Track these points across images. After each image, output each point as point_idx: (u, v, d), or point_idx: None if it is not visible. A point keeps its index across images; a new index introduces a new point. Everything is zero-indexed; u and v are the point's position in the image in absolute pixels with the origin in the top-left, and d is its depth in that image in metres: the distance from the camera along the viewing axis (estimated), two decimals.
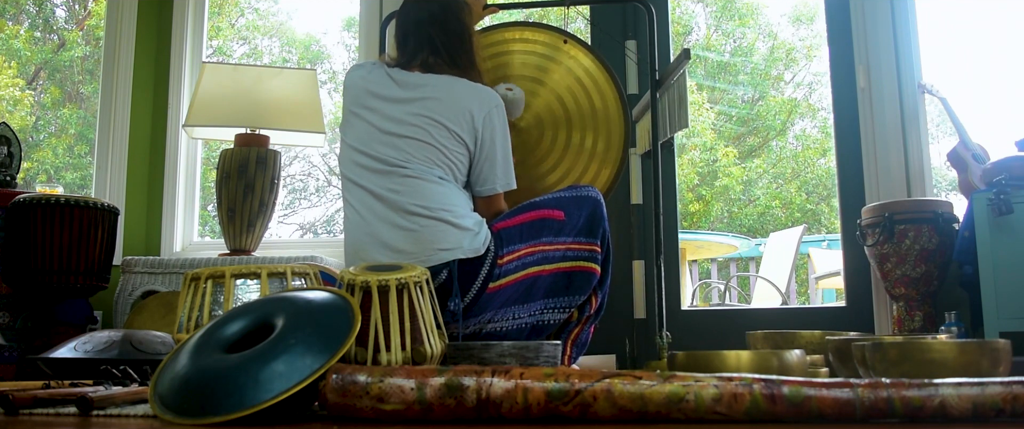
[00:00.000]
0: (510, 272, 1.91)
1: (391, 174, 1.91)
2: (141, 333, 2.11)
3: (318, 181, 10.71)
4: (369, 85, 2.02)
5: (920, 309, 2.71)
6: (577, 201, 1.98)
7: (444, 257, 1.85)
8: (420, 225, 1.87)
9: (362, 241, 1.92)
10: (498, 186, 2.00)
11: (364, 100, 2.00)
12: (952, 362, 1.13)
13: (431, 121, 1.92)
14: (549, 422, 0.98)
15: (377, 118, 1.96)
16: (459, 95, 1.96)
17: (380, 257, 1.87)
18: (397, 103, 1.96)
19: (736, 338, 2.86)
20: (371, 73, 2.04)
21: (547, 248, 1.94)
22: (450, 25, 2.04)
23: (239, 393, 1.01)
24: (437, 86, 1.97)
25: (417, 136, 1.92)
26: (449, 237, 1.86)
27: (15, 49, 9.16)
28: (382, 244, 1.89)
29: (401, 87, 1.98)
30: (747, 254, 6.62)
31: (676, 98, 2.47)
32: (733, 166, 10.27)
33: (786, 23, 11.17)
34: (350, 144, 1.99)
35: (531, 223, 1.95)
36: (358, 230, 1.94)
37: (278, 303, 1.20)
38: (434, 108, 1.93)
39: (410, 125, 1.92)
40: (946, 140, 7.98)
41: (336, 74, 10.53)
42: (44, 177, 8.54)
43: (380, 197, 1.91)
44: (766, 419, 0.94)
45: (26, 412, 1.19)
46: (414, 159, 1.91)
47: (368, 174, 1.94)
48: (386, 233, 1.89)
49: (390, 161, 1.92)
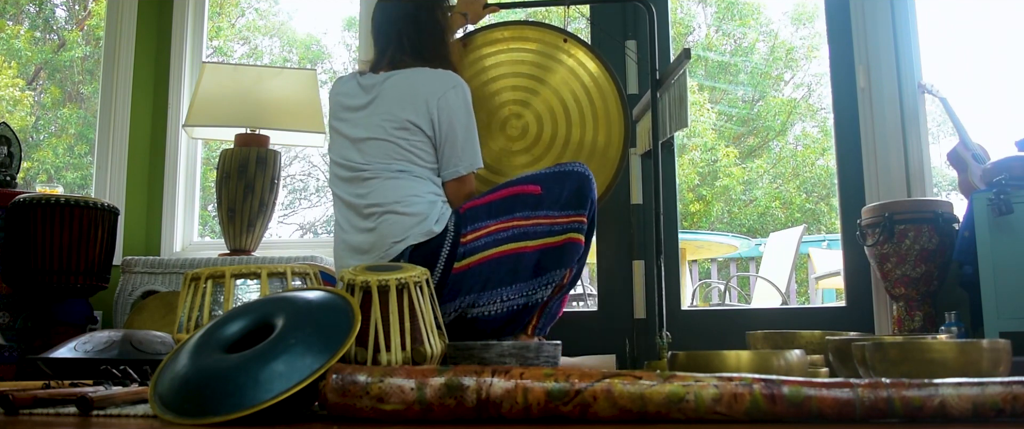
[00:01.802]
0: (478, 250, 1.86)
1: (356, 180, 1.97)
2: (141, 333, 2.11)
3: (318, 181, 10.71)
4: (342, 98, 2.06)
5: (920, 309, 2.71)
6: (559, 176, 1.92)
7: (398, 248, 1.88)
8: (377, 222, 1.92)
9: (339, 250, 2.00)
10: (461, 168, 1.97)
11: (339, 113, 2.05)
12: (952, 362, 1.13)
13: (387, 116, 1.95)
14: (549, 422, 0.98)
15: (347, 127, 2.01)
16: (414, 82, 1.97)
17: (352, 262, 1.93)
18: (361, 110, 2.01)
19: (736, 338, 2.86)
20: (345, 85, 2.08)
21: (524, 223, 1.88)
22: (422, 22, 2.05)
23: (239, 393, 1.01)
24: (395, 81, 1.99)
25: (376, 136, 1.95)
26: (400, 227, 1.89)
27: (15, 49, 9.16)
28: (352, 249, 1.95)
29: (365, 92, 2.02)
30: (747, 254, 6.62)
31: (676, 98, 2.47)
32: (733, 166, 10.28)
33: (786, 23, 11.17)
34: (332, 158, 2.05)
35: (502, 200, 1.90)
36: (338, 240, 2.02)
37: (278, 303, 1.20)
38: (390, 102, 1.96)
39: (370, 126, 1.97)
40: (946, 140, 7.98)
41: (336, 74, 10.54)
42: (44, 177, 8.54)
43: (350, 204, 1.98)
44: (766, 419, 0.94)
45: (26, 412, 1.19)
46: (374, 160, 1.95)
47: (342, 184, 2.00)
48: (354, 237, 1.95)
49: (355, 167, 1.97)
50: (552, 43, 2.52)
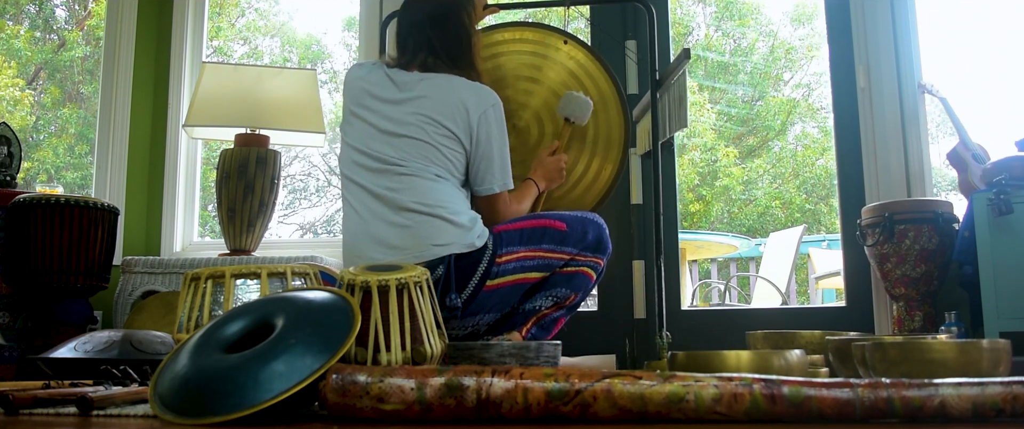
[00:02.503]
0: (508, 272, 1.92)
1: (388, 173, 1.93)
2: (141, 333, 2.11)
3: (318, 181, 10.71)
4: (368, 85, 2.03)
5: (920, 309, 2.71)
6: (582, 220, 2.02)
7: (438, 252, 1.86)
8: (415, 221, 1.88)
9: (359, 239, 1.93)
10: (495, 186, 2.01)
11: (363, 100, 2.01)
12: (952, 362, 1.13)
13: (427, 119, 1.93)
14: (549, 422, 0.98)
15: (376, 118, 1.97)
16: (455, 93, 1.96)
17: (376, 255, 1.88)
18: (395, 104, 1.97)
19: (736, 338, 2.86)
20: (370, 73, 2.05)
21: (549, 255, 1.96)
22: (450, 26, 2.04)
23: (239, 393, 1.01)
24: (434, 85, 1.98)
25: (414, 135, 1.93)
26: (444, 233, 1.87)
27: (15, 49, 9.16)
28: (378, 241, 1.90)
29: (399, 87, 1.99)
30: (747, 254, 6.62)
31: (676, 98, 2.47)
32: (733, 166, 10.28)
33: (786, 23, 11.17)
34: (350, 144, 2.00)
35: (532, 229, 1.97)
36: (356, 228, 1.95)
37: (278, 303, 1.20)
38: (430, 106, 1.94)
39: (407, 124, 1.93)
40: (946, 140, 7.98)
41: (336, 74, 10.53)
42: (44, 177, 8.54)
43: (378, 195, 1.93)
44: (766, 419, 0.94)
45: (26, 412, 1.19)
46: (411, 158, 1.92)
47: (366, 173, 1.95)
48: (382, 230, 1.90)
49: (388, 160, 1.93)
50: (551, 44, 2.52)
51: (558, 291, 2.01)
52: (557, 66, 2.51)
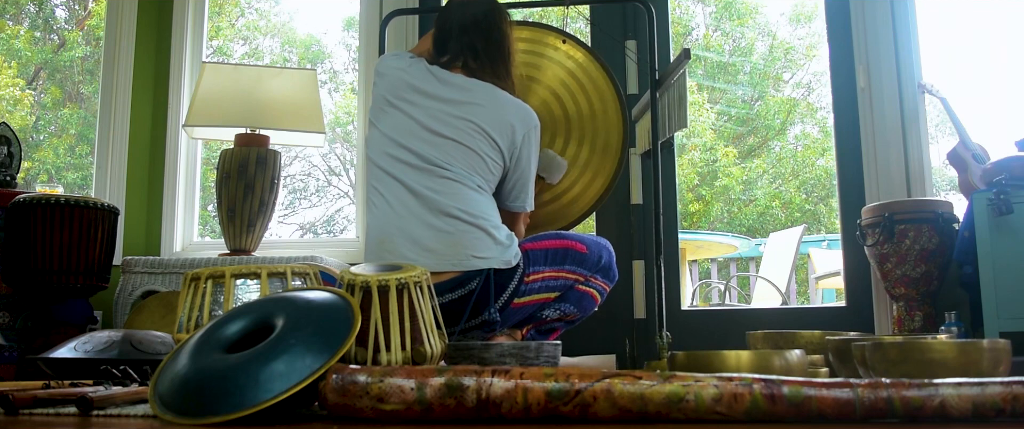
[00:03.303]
0: (534, 291, 1.95)
1: (430, 173, 1.90)
2: (141, 333, 2.11)
3: (318, 181, 10.71)
4: (410, 78, 1.99)
5: (920, 309, 2.71)
6: (598, 244, 2.08)
7: (478, 264, 1.85)
8: (456, 228, 1.86)
9: (390, 234, 1.89)
10: (527, 206, 2.05)
11: (403, 92, 1.98)
12: (952, 362, 1.12)
13: (475, 127, 1.92)
14: (549, 422, 0.98)
15: (419, 113, 1.94)
16: (503, 107, 1.96)
17: (407, 252, 1.85)
18: (441, 102, 1.95)
19: (736, 338, 2.86)
20: (412, 66, 2.02)
21: (569, 276, 2.01)
22: (493, 34, 2.06)
23: (239, 393, 1.01)
24: (481, 93, 1.97)
25: (461, 140, 1.91)
26: (485, 246, 1.87)
27: (15, 49, 9.16)
28: (412, 240, 1.87)
29: (444, 86, 1.97)
30: (747, 254, 6.62)
31: (676, 98, 2.47)
32: (733, 166, 10.28)
33: (785, 23, 11.18)
34: (386, 134, 1.96)
35: (556, 250, 2.01)
36: (387, 222, 1.91)
37: (278, 303, 1.20)
38: (479, 115, 1.93)
39: (454, 127, 1.92)
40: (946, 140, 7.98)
41: (336, 74, 10.53)
42: (44, 177, 8.54)
43: (417, 193, 1.89)
44: (766, 419, 0.94)
45: (26, 412, 1.19)
46: (456, 162, 1.90)
47: (405, 169, 1.92)
48: (418, 230, 1.87)
49: (431, 160, 1.90)
50: (549, 43, 2.52)
51: (566, 307, 2.04)
52: (555, 65, 2.51)
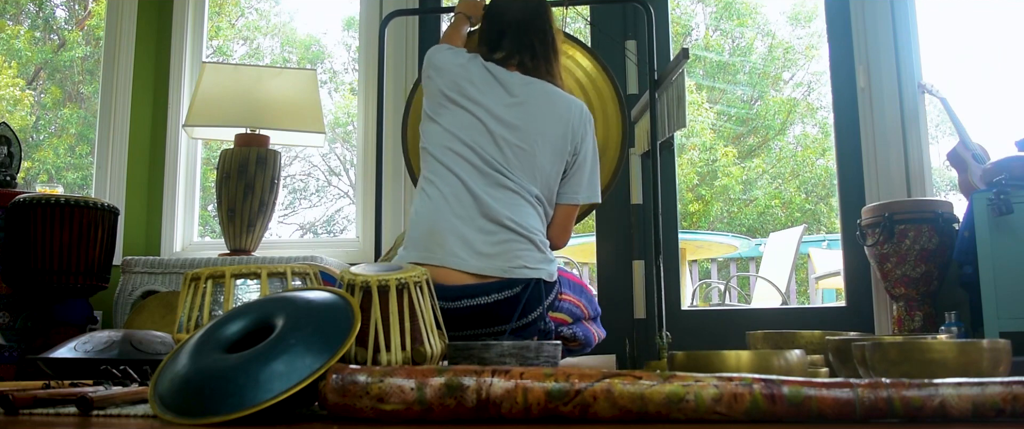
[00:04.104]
0: (561, 310, 1.99)
1: (491, 178, 1.90)
2: (141, 333, 2.11)
3: (318, 181, 10.71)
4: (470, 76, 1.99)
5: (920, 309, 2.71)
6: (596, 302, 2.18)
7: (526, 274, 1.87)
8: (508, 237, 1.87)
9: (442, 228, 1.87)
10: (581, 197, 2.03)
11: (465, 89, 1.97)
12: (952, 362, 1.12)
13: (540, 134, 1.93)
14: (549, 422, 0.98)
15: (484, 114, 1.94)
16: (562, 107, 1.98)
17: (457, 250, 1.84)
18: (504, 106, 1.95)
19: (736, 338, 2.86)
20: (470, 63, 2.02)
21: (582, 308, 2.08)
22: (548, 32, 2.07)
23: (239, 393, 1.01)
24: (541, 94, 1.98)
25: (524, 145, 1.92)
26: (534, 258, 1.89)
27: (15, 49, 9.16)
28: (463, 240, 1.86)
29: (505, 87, 1.97)
30: (747, 254, 6.62)
31: (675, 98, 2.47)
32: (733, 166, 10.28)
33: (784, 23, 11.18)
34: (449, 130, 1.95)
35: (574, 283, 2.09)
36: (440, 217, 1.88)
37: (278, 303, 1.20)
38: (543, 122, 1.94)
39: (519, 132, 1.92)
40: (946, 140, 7.98)
41: (336, 74, 10.54)
42: (44, 177, 8.54)
43: (475, 195, 1.89)
44: (766, 419, 0.94)
45: (26, 412, 1.19)
46: (517, 170, 1.91)
47: (468, 168, 1.91)
48: (471, 233, 1.86)
49: (493, 164, 1.90)
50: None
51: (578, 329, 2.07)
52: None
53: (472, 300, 1.82)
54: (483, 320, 1.85)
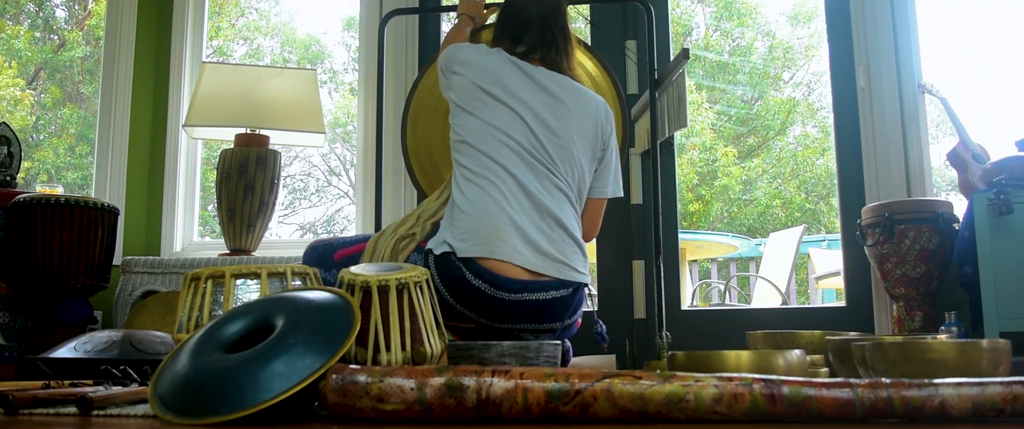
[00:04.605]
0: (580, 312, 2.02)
1: (542, 175, 1.91)
2: (141, 333, 2.11)
3: (318, 181, 10.71)
4: (503, 70, 1.97)
5: (920, 309, 2.71)
6: None
7: (575, 277, 1.90)
8: (561, 239, 1.89)
9: (504, 223, 1.85)
10: (608, 192, 2.06)
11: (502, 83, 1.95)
12: (952, 362, 1.12)
13: (579, 134, 1.95)
14: (549, 422, 0.98)
15: (524, 110, 1.93)
16: (593, 109, 2.01)
17: (519, 246, 1.84)
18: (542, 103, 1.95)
19: (736, 338, 2.86)
20: (497, 57, 2.00)
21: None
22: (566, 29, 2.08)
23: (239, 393, 1.01)
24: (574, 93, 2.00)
25: (564, 144, 1.93)
26: (580, 261, 1.93)
27: (15, 49, 9.16)
28: (523, 237, 1.86)
29: (539, 85, 1.97)
30: (747, 254, 6.62)
31: (675, 97, 2.47)
32: (732, 166, 10.28)
33: (784, 23, 11.18)
34: (492, 123, 1.92)
35: None
36: (501, 212, 1.86)
37: (278, 303, 1.20)
38: (578, 122, 1.96)
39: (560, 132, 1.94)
40: (946, 140, 7.98)
41: (336, 74, 10.53)
42: (44, 177, 8.54)
43: (529, 192, 1.89)
44: (766, 419, 0.94)
45: (26, 412, 1.19)
46: (563, 171, 1.93)
47: (518, 163, 1.90)
48: (530, 229, 1.87)
49: (542, 161, 1.91)
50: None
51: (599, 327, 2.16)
52: None
53: (533, 295, 1.84)
54: (541, 316, 1.87)
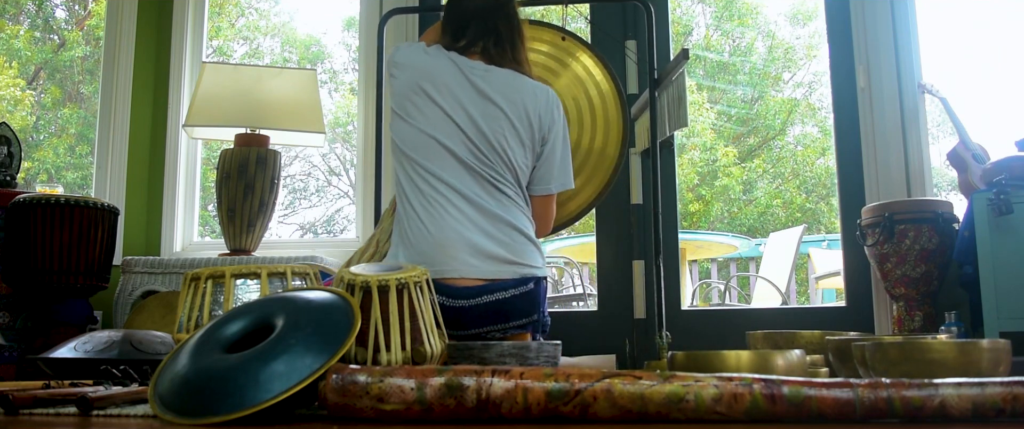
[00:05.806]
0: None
1: (478, 178, 1.88)
2: (141, 333, 2.11)
3: (318, 181, 10.71)
4: (435, 68, 1.94)
5: (920, 309, 2.71)
6: None
7: (532, 273, 1.89)
8: (512, 238, 1.88)
9: (453, 241, 1.84)
10: (553, 186, 1.99)
11: (434, 81, 1.92)
12: (952, 362, 1.12)
13: (508, 130, 1.90)
14: (549, 422, 0.98)
15: (457, 111, 1.89)
16: (528, 101, 1.93)
17: (471, 260, 1.83)
18: (471, 100, 1.91)
19: (736, 338, 2.86)
20: (434, 54, 1.97)
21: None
22: (511, 19, 2.03)
23: (239, 393, 1.01)
24: (503, 82, 1.93)
25: (494, 141, 1.89)
26: (534, 257, 1.91)
27: (15, 49, 9.16)
28: (476, 250, 1.84)
29: (470, 78, 1.92)
30: (747, 254, 6.63)
31: (675, 97, 2.47)
32: (733, 166, 10.28)
33: (785, 23, 11.18)
34: (424, 130, 1.90)
35: None
36: (449, 229, 1.84)
37: (278, 303, 1.20)
38: (508, 117, 1.90)
39: (488, 130, 1.89)
40: (946, 140, 7.98)
41: (336, 74, 10.54)
42: (44, 177, 8.54)
43: (469, 199, 1.87)
44: (766, 419, 0.94)
45: (26, 412, 1.19)
46: (504, 173, 1.90)
47: (462, 173, 1.88)
48: (482, 240, 1.85)
49: (484, 165, 1.88)
50: (551, 41, 2.52)
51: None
52: (556, 65, 2.51)
53: (492, 296, 1.83)
54: (505, 315, 1.85)
